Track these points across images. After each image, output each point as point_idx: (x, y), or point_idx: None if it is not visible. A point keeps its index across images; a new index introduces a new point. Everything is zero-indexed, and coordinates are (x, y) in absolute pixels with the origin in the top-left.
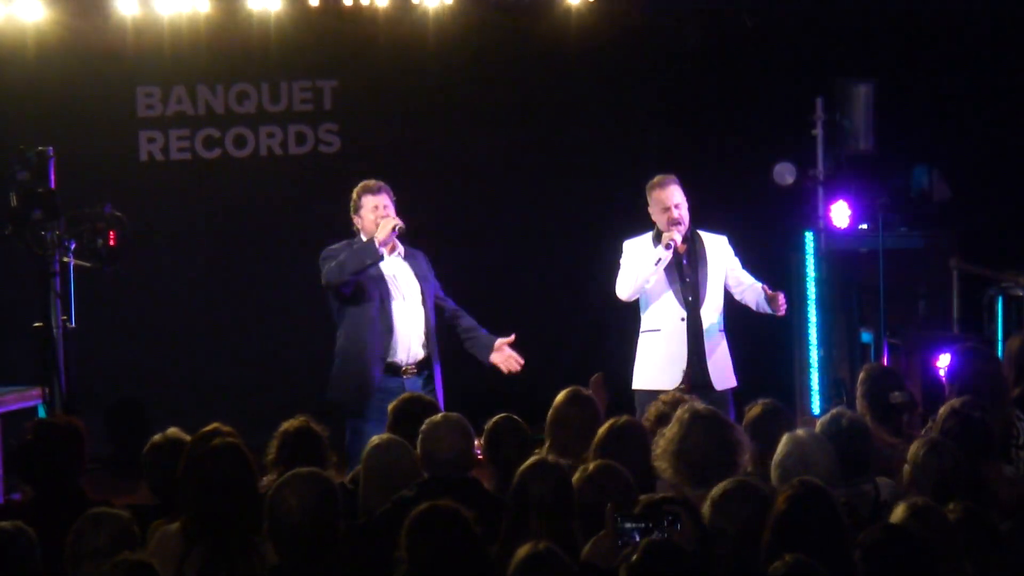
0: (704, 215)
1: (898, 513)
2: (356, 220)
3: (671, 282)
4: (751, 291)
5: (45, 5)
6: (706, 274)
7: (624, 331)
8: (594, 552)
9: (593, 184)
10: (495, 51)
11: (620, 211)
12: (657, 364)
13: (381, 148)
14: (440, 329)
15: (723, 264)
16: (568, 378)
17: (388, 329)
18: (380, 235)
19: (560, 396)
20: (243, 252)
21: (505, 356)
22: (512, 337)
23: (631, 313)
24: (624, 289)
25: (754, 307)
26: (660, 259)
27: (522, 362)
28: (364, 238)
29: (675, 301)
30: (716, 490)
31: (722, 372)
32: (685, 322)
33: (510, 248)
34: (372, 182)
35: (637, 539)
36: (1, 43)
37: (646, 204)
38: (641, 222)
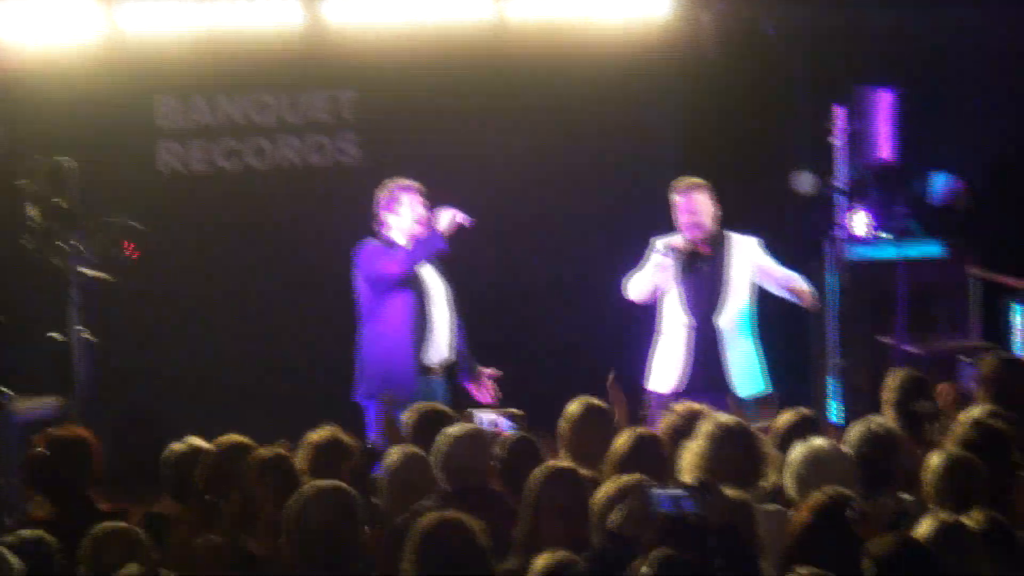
0: (724, 223)
1: (923, 528)
2: (390, 217)
3: (687, 286)
4: (788, 281)
5: (64, 20)
6: (729, 278)
7: (647, 332)
8: (621, 522)
9: (612, 190)
10: (515, 62)
11: (639, 216)
12: (666, 366)
13: (400, 158)
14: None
15: (750, 267)
16: (591, 380)
17: (426, 326)
18: (443, 226)
19: (573, 407)
20: (261, 262)
21: (482, 386)
22: (498, 372)
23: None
24: (631, 289)
25: (788, 295)
26: (659, 264)
27: (498, 397)
28: (399, 235)
29: (688, 305)
30: None
31: (745, 376)
32: (696, 326)
33: (531, 253)
34: (410, 181)
35: (668, 507)
36: (23, 57)
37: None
38: (665, 224)
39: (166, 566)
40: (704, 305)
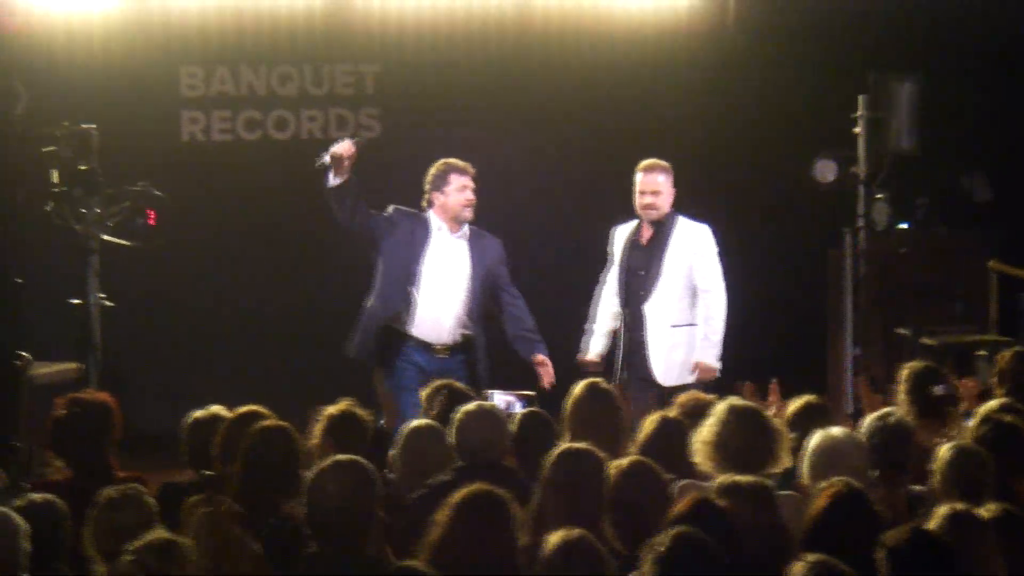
0: (743, 210)
1: (936, 518)
2: (436, 196)
3: (624, 273)
4: (701, 296)
5: None
6: (661, 265)
7: None
8: None
9: (630, 173)
10: (539, 41)
11: None
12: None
13: (421, 134)
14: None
15: (688, 255)
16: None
17: (413, 300)
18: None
19: (578, 389)
20: (280, 232)
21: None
22: (551, 381)
23: None
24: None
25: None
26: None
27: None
28: (443, 217)
29: (620, 292)
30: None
31: (670, 368)
32: (624, 316)
33: (547, 234)
34: (460, 162)
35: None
36: (47, 23)
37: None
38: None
39: (181, 534)
40: (634, 292)
